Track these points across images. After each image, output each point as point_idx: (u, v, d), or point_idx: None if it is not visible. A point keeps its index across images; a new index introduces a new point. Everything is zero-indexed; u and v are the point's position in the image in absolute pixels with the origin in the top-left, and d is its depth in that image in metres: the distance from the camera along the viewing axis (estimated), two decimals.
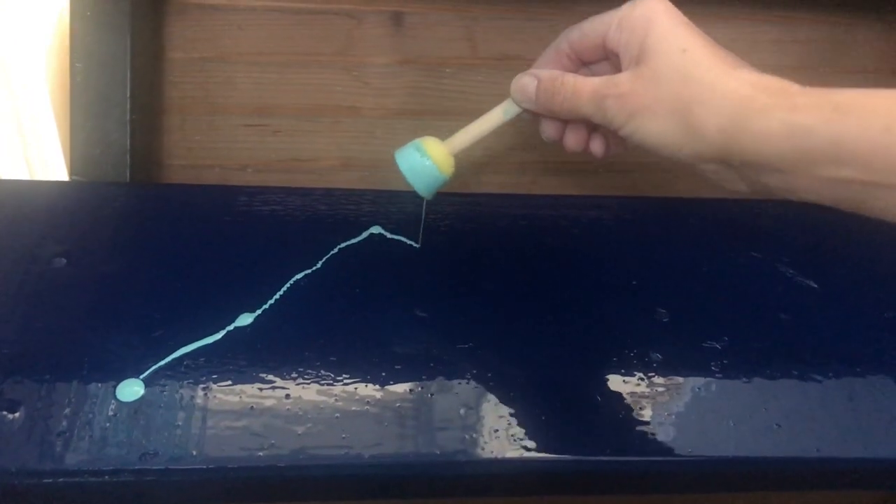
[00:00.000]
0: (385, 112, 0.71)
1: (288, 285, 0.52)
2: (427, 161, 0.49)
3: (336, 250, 0.55)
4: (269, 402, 0.46)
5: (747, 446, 0.48)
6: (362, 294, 0.53)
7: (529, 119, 0.50)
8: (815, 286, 0.58)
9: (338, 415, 0.47)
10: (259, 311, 0.51)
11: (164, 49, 0.69)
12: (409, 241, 0.55)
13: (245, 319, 0.51)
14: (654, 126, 0.41)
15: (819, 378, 0.52)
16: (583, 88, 0.44)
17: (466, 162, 0.73)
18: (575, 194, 0.64)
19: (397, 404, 0.48)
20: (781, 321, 0.55)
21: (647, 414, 0.49)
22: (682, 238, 0.60)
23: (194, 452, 0.44)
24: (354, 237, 0.56)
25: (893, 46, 0.77)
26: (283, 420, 0.46)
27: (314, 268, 0.54)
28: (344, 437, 0.46)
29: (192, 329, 0.50)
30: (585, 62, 0.48)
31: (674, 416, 0.49)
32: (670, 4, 0.43)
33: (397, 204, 0.59)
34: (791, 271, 0.58)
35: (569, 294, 0.55)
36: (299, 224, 0.57)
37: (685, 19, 0.42)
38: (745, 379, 0.52)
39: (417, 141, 0.50)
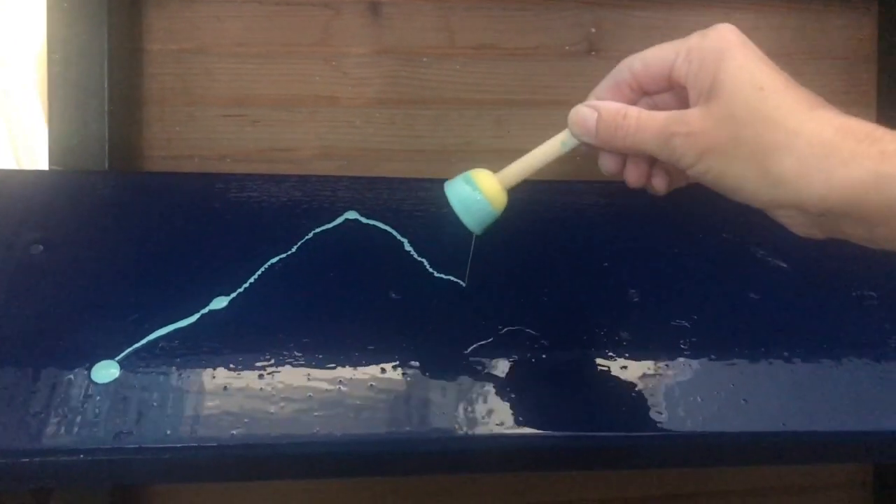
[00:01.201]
0: (364, 101, 0.72)
1: (262, 269, 0.53)
2: (479, 195, 0.46)
3: (311, 235, 0.56)
4: (241, 383, 0.47)
5: (714, 422, 0.49)
6: (336, 277, 0.54)
7: (587, 151, 0.47)
8: (785, 266, 0.58)
9: (310, 394, 0.47)
10: (234, 295, 0.52)
11: (142, 40, 0.69)
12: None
13: (220, 303, 0.51)
14: (728, 169, 0.39)
15: (786, 355, 0.53)
16: (648, 124, 0.41)
17: (441, 150, 0.73)
18: (547, 179, 0.64)
19: (370, 384, 0.48)
20: (751, 300, 0.56)
21: (616, 391, 0.50)
22: (654, 220, 0.61)
23: (168, 432, 0.45)
24: (330, 222, 0.57)
25: (865, 33, 0.78)
26: (256, 400, 0.47)
27: (288, 252, 0.54)
28: (317, 416, 0.46)
29: (168, 312, 0.50)
30: (647, 92, 0.45)
31: (643, 393, 0.50)
32: (743, 36, 0.40)
33: (373, 190, 0.59)
34: (761, 252, 0.59)
35: (540, 276, 0.56)
36: (275, 210, 0.57)
37: (759, 52, 0.40)
38: (713, 356, 0.52)
39: (468, 173, 0.47)
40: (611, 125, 0.43)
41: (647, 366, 0.52)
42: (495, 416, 0.48)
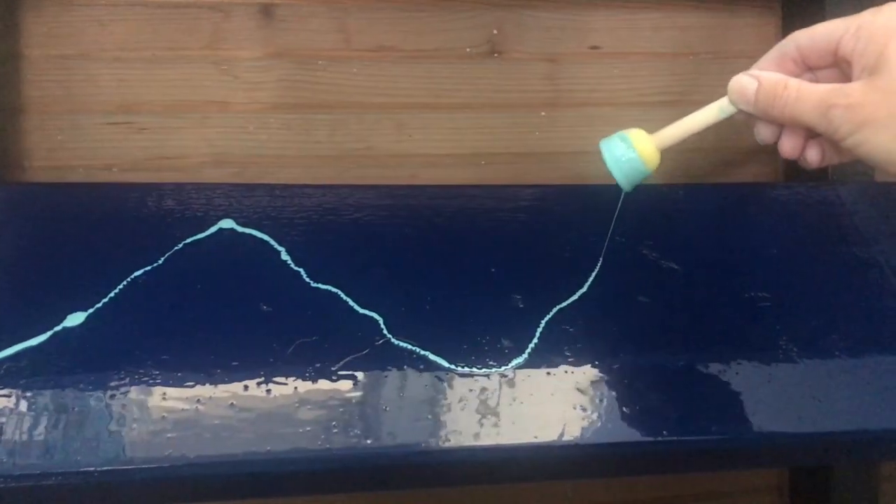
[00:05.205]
0: (257, 106, 0.69)
1: (124, 283, 0.50)
2: (632, 153, 0.47)
3: (181, 246, 0.53)
4: (92, 404, 0.44)
5: (596, 432, 0.48)
6: (204, 289, 0.51)
7: (744, 120, 0.47)
8: (677, 268, 0.57)
9: (164, 415, 0.45)
10: (91, 311, 0.49)
11: (20, 45, 0.66)
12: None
13: (76, 319, 0.48)
14: (883, 141, 0.40)
15: (672, 360, 0.51)
16: (808, 95, 0.42)
17: (340, 155, 0.71)
18: (442, 184, 0.62)
19: (230, 402, 0.46)
20: (640, 304, 0.55)
21: (495, 400, 0.48)
22: (545, 224, 0.59)
23: (3, 459, 0.42)
24: (203, 232, 0.54)
25: (772, 31, 0.78)
26: (104, 422, 0.44)
27: (155, 264, 0.52)
28: (170, 437, 0.44)
29: (18, 330, 0.47)
30: (811, 67, 0.46)
31: (522, 403, 0.48)
32: None
33: (252, 197, 0.57)
34: (654, 254, 0.58)
35: (425, 282, 0.54)
36: (146, 221, 0.55)
37: None
38: (598, 362, 0.51)
39: (624, 132, 0.48)
40: (770, 94, 0.44)
41: (527, 374, 0.50)
42: (370, 430, 0.46)
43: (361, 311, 0.52)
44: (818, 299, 0.57)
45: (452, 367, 0.49)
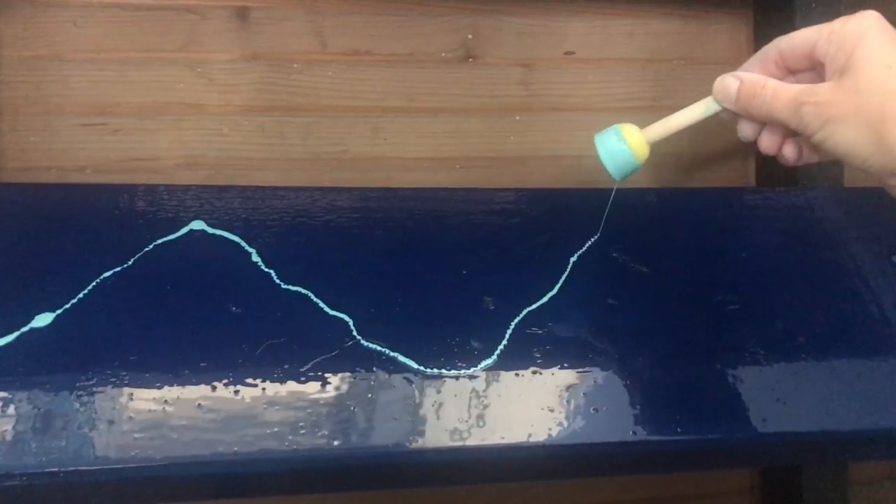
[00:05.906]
0: (232, 109, 0.70)
1: (93, 284, 0.50)
2: (624, 146, 0.50)
3: (151, 247, 0.53)
4: (59, 405, 0.44)
5: (564, 433, 0.48)
6: (174, 290, 0.51)
7: (728, 119, 0.51)
8: (647, 271, 0.58)
9: (132, 415, 0.45)
10: (60, 311, 0.49)
11: None
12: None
13: (43, 320, 0.48)
14: (847, 136, 0.43)
15: (640, 362, 0.52)
16: (783, 94, 0.46)
17: (315, 158, 0.71)
18: (412, 187, 0.63)
19: (198, 403, 0.46)
20: (609, 307, 0.55)
21: (464, 401, 0.48)
22: (516, 227, 0.59)
23: None
24: (174, 233, 0.54)
25: (744, 38, 0.79)
26: (71, 423, 0.44)
27: (125, 265, 0.52)
28: (137, 439, 0.44)
29: None
30: (791, 71, 0.49)
31: (490, 405, 0.49)
32: (886, 22, 0.44)
33: (223, 199, 0.57)
34: (624, 258, 0.58)
35: (395, 284, 0.54)
36: (117, 221, 0.54)
37: None
38: (566, 364, 0.51)
39: (617, 126, 0.51)
40: (750, 93, 0.47)
41: (496, 375, 0.50)
42: (339, 432, 0.46)
43: (331, 312, 0.52)
44: (786, 302, 0.58)
45: (422, 368, 0.50)
